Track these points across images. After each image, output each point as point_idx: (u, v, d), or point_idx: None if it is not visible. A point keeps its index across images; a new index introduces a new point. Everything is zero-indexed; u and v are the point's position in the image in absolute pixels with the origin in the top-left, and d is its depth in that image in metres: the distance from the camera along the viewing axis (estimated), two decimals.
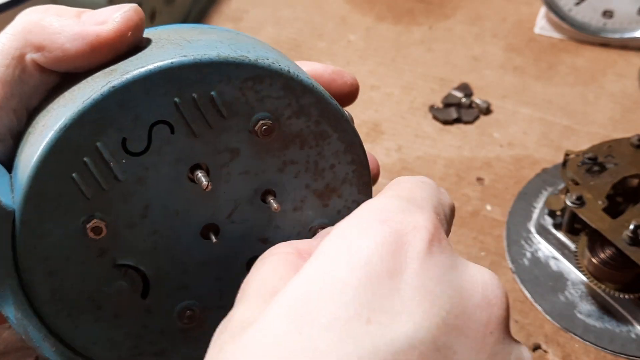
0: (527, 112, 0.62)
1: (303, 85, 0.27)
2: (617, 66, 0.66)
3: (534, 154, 0.58)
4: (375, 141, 0.60)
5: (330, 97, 0.29)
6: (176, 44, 0.27)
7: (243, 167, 0.28)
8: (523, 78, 0.65)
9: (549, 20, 0.69)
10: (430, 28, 0.71)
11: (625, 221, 0.44)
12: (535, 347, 0.46)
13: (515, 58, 0.67)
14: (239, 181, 0.28)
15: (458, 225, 0.53)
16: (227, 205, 0.28)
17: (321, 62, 0.61)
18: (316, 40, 0.70)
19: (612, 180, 0.48)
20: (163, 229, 0.28)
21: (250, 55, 0.26)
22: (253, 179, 0.28)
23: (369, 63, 0.68)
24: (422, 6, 0.74)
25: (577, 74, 0.65)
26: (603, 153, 0.50)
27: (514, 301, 0.49)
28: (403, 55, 0.68)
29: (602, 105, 0.62)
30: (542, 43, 0.68)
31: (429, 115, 0.62)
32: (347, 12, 0.74)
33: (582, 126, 0.60)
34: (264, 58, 0.27)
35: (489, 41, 0.69)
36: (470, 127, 0.61)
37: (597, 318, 0.47)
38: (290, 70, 0.27)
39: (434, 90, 0.64)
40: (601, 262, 0.46)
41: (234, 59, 0.26)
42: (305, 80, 0.28)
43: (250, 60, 0.26)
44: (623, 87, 0.64)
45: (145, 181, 0.26)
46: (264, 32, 0.72)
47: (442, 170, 0.57)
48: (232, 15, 0.74)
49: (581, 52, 0.67)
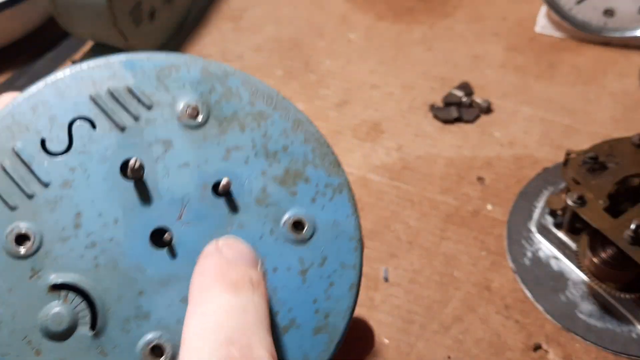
0: (528, 111, 0.62)
1: (224, 69, 0.27)
2: (618, 65, 0.65)
3: (534, 153, 0.58)
4: (375, 140, 0.60)
5: (256, 79, 0.28)
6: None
7: (181, 159, 0.26)
8: (524, 77, 0.65)
9: (549, 19, 0.69)
10: (431, 27, 0.71)
11: (627, 221, 0.44)
12: (536, 347, 0.46)
13: (516, 57, 0.67)
14: (181, 175, 0.26)
15: (458, 225, 0.53)
16: (175, 205, 0.26)
17: (321, 61, 0.61)
18: (316, 39, 0.70)
19: (613, 180, 0.48)
20: (102, 241, 0.25)
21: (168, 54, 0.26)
22: (196, 171, 0.26)
23: (369, 62, 0.67)
24: (422, 5, 0.74)
25: (578, 73, 0.65)
26: (604, 152, 0.49)
27: (515, 301, 0.48)
28: (403, 54, 0.68)
29: (603, 104, 0.62)
30: (542, 42, 0.68)
31: (430, 114, 0.62)
32: (348, 11, 0.73)
33: (583, 125, 0.60)
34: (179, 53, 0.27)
35: (490, 40, 0.69)
36: (470, 127, 0.61)
37: (598, 318, 0.47)
38: (206, 59, 0.27)
39: (434, 89, 0.64)
40: (602, 261, 0.45)
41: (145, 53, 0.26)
42: (225, 65, 0.27)
43: (161, 54, 0.26)
44: (624, 86, 0.64)
45: (72, 184, 0.25)
46: (264, 31, 0.71)
47: (443, 169, 0.57)
48: (231, 14, 0.74)
49: (582, 51, 0.67)
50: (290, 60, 0.68)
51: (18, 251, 0.24)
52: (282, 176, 0.27)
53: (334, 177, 0.27)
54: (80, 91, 0.26)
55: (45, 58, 0.69)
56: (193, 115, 0.26)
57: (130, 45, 0.63)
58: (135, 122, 0.26)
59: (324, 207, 0.27)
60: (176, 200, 0.26)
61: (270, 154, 0.27)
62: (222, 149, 0.26)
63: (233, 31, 0.72)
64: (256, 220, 0.26)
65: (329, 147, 0.28)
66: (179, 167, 0.26)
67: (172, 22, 0.69)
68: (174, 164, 0.26)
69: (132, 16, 0.62)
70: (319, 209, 0.27)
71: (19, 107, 0.25)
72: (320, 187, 0.27)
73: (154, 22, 0.66)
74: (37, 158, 0.25)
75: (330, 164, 0.27)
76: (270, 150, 0.27)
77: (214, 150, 0.26)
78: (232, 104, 0.27)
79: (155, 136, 0.26)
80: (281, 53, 0.69)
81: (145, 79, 0.26)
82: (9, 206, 0.24)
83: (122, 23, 0.61)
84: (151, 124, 0.26)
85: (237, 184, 0.26)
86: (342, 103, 0.63)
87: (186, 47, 0.70)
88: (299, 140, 0.27)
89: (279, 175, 0.27)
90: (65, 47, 0.70)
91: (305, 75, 0.66)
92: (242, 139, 0.26)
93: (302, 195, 0.27)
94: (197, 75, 0.26)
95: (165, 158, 0.26)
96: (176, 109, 0.26)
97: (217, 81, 0.27)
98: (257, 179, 0.26)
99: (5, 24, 0.67)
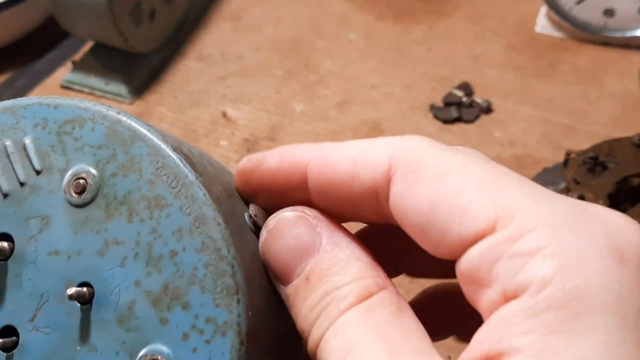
0: (528, 111, 0.62)
1: (133, 131, 0.21)
2: (618, 65, 0.65)
3: (535, 153, 0.58)
4: None
5: (173, 150, 0.21)
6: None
7: (53, 245, 0.21)
8: (524, 77, 0.65)
9: (549, 19, 0.69)
10: (431, 27, 0.71)
11: None
12: None
13: (516, 57, 0.67)
14: (48, 264, 0.21)
15: None
16: (32, 301, 0.21)
17: (321, 61, 0.61)
18: (316, 39, 0.70)
19: (613, 180, 0.48)
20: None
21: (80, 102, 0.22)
22: (65, 264, 0.21)
23: (369, 62, 0.67)
24: (422, 5, 0.74)
25: (578, 73, 0.65)
26: (604, 152, 0.49)
27: None
28: (403, 54, 0.68)
29: (603, 104, 0.62)
30: (543, 42, 0.68)
31: (430, 114, 0.62)
32: (348, 11, 0.73)
33: (583, 125, 0.60)
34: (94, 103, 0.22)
35: (490, 40, 0.69)
36: (471, 127, 0.61)
37: None
38: (122, 113, 0.21)
39: (434, 89, 0.64)
40: None
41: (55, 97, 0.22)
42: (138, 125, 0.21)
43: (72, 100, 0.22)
44: (624, 86, 0.64)
45: None
46: (264, 32, 0.71)
47: None
48: (231, 15, 0.74)
49: (582, 51, 0.67)
50: (290, 60, 0.68)
51: None
52: (158, 293, 0.20)
53: (221, 311, 0.20)
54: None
55: (45, 58, 0.69)
56: (78, 191, 0.21)
57: (130, 45, 0.63)
58: (20, 188, 0.21)
59: (195, 350, 0.20)
60: (35, 296, 0.21)
61: (153, 258, 0.20)
62: (100, 240, 0.21)
63: (233, 31, 0.72)
64: (111, 344, 0.20)
65: (230, 264, 0.20)
66: (49, 254, 0.21)
67: (172, 22, 0.69)
68: (45, 249, 0.21)
69: (132, 16, 0.62)
70: (189, 352, 0.20)
71: None
72: (200, 321, 0.20)
73: (154, 22, 0.66)
74: None
75: (223, 290, 0.20)
76: (155, 253, 0.20)
77: (91, 240, 0.21)
78: (128, 181, 0.21)
79: (36, 209, 0.21)
80: (281, 53, 0.69)
81: (45, 133, 0.22)
82: None
83: (122, 23, 0.60)
84: (35, 193, 0.21)
85: (104, 291, 0.20)
86: (342, 103, 0.63)
87: (186, 47, 0.70)
88: (193, 247, 0.20)
89: (154, 290, 0.20)
90: (65, 47, 0.70)
91: (305, 75, 0.66)
92: (126, 231, 0.21)
93: (173, 326, 0.20)
94: (100, 135, 0.21)
95: (38, 239, 0.21)
96: (65, 178, 0.21)
97: (121, 147, 0.21)
98: (129, 289, 0.20)
99: (5, 24, 0.67)
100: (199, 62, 0.68)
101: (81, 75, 0.65)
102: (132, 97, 0.64)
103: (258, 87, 0.65)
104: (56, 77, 0.67)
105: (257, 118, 0.62)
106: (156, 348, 0.20)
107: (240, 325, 0.20)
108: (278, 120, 0.62)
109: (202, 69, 0.68)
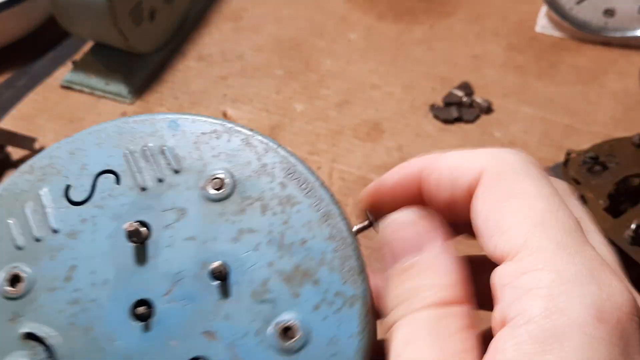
0: (528, 111, 0.62)
1: (266, 143, 0.25)
2: (619, 65, 0.65)
3: (535, 153, 0.58)
4: (376, 140, 0.60)
5: (298, 159, 0.25)
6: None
7: (189, 232, 0.24)
8: (524, 77, 0.65)
9: (550, 19, 0.69)
10: (431, 27, 0.71)
11: (627, 221, 0.44)
12: None
13: (516, 57, 0.67)
14: (184, 248, 0.24)
15: None
16: (167, 279, 0.24)
17: (321, 61, 0.61)
18: (316, 39, 0.70)
19: (613, 180, 0.47)
20: (86, 300, 0.24)
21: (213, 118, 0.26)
22: (201, 248, 0.24)
23: (370, 62, 0.67)
24: (422, 5, 0.74)
25: (578, 72, 0.65)
26: (604, 152, 0.49)
27: None
28: (404, 54, 0.68)
29: (604, 104, 0.62)
30: (543, 42, 0.68)
31: (430, 114, 0.62)
32: (348, 11, 0.73)
33: (584, 125, 0.60)
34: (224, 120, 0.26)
35: (490, 40, 0.69)
36: (471, 127, 0.61)
37: None
38: (252, 130, 0.26)
39: (434, 89, 0.64)
40: None
41: (191, 114, 0.26)
42: (269, 140, 0.26)
43: (207, 116, 0.26)
44: (624, 86, 0.64)
45: (78, 236, 0.24)
46: (264, 31, 0.71)
47: None
48: (231, 15, 0.74)
49: (582, 51, 0.67)
50: (290, 60, 0.68)
51: (7, 291, 0.24)
52: (290, 272, 0.24)
53: (349, 287, 0.24)
54: (117, 144, 0.26)
55: (45, 58, 0.69)
56: (216, 188, 0.25)
57: (131, 46, 0.63)
58: (157, 184, 0.25)
59: (326, 318, 0.23)
60: (170, 274, 0.24)
61: (284, 244, 0.24)
62: (234, 229, 0.24)
63: (233, 31, 0.72)
64: (245, 314, 0.23)
65: (355, 250, 0.24)
66: (185, 239, 0.24)
67: (172, 22, 0.69)
68: (181, 235, 0.24)
69: (132, 16, 0.62)
70: (319, 320, 0.23)
71: (59, 149, 0.26)
72: (329, 295, 0.23)
73: (154, 22, 0.66)
74: (56, 204, 0.25)
75: (350, 270, 0.24)
76: (286, 241, 0.24)
77: (226, 229, 0.24)
78: (261, 182, 0.25)
79: (173, 202, 0.25)
80: (281, 53, 0.69)
81: (182, 142, 0.25)
82: (16, 245, 0.25)
83: (122, 23, 0.61)
84: (172, 189, 0.25)
85: (239, 270, 0.24)
86: (342, 103, 0.63)
87: (186, 47, 0.70)
88: (322, 235, 0.24)
89: (286, 270, 0.24)
90: (66, 47, 0.71)
91: (305, 75, 0.66)
92: (259, 222, 0.24)
93: (305, 299, 0.23)
94: (236, 146, 0.25)
95: (175, 227, 0.24)
96: (202, 178, 0.25)
97: (255, 155, 0.25)
98: (262, 269, 0.24)
99: (5, 24, 0.67)
100: (199, 62, 0.68)
101: (81, 75, 0.65)
102: (132, 97, 0.64)
103: (258, 87, 0.65)
104: (56, 77, 0.67)
105: (258, 118, 0.62)
106: (290, 316, 0.23)
107: (366, 297, 0.24)
108: (278, 120, 0.62)
109: (202, 69, 0.68)
